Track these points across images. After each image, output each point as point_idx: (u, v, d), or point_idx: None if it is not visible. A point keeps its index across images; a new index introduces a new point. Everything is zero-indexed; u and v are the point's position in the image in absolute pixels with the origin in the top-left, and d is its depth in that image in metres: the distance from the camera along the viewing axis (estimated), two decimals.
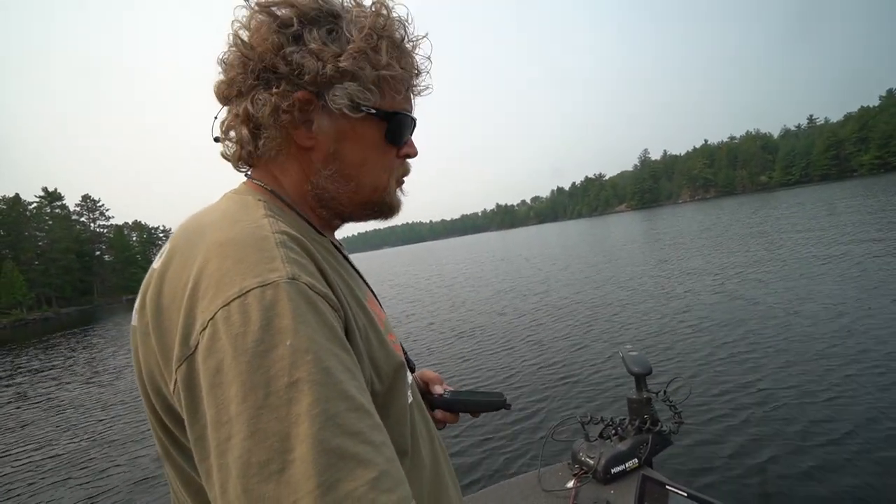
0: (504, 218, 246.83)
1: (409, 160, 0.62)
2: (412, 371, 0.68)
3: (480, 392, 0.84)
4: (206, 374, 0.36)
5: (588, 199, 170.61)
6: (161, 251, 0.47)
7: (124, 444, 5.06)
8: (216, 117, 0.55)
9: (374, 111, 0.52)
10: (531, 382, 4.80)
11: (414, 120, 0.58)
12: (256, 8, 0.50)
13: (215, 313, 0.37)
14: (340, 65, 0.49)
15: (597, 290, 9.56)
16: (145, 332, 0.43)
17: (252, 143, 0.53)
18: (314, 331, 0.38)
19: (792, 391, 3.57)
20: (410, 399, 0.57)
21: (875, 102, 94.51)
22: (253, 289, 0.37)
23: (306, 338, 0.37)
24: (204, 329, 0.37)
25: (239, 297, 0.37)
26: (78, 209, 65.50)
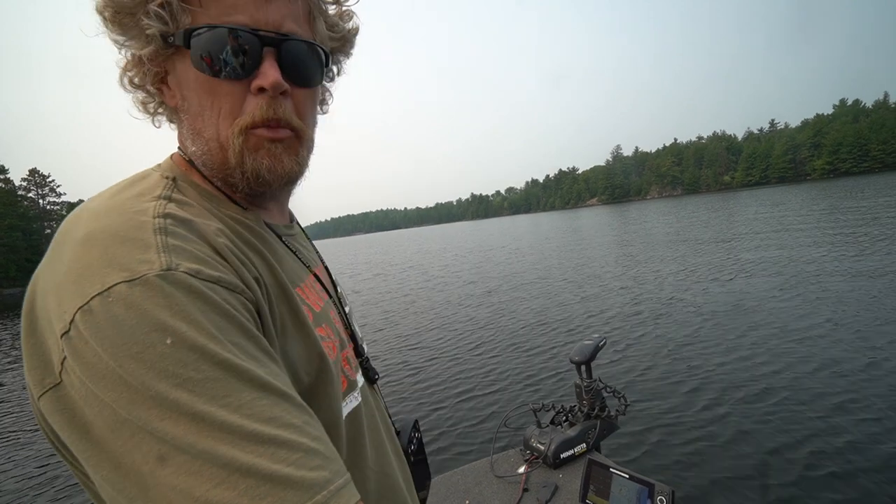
0: (478, 208, 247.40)
1: (287, 96, 0.46)
2: (372, 382, 0.61)
3: None
4: (74, 391, 0.31)
5: (561, 191, 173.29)
6: None
7: None
8: None
9: (170, 38, 0.42)
10: (485, 370, 4.86)
11: (242, 32, 0.41)
12: None
13: (73, 315, 0.31)
14: None
15: (558, 282, 9.75)
16: (23, 344, 0.36)
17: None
18: (200, 323, 0.33)
19: (733, 380, 3.79)
20: (355, 403, 0.52)
21: (829, 111, 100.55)
22: (117, 284, 0.32)
23: (192, 333, 0.32)
24: (65, 334, 0.31)
25: (99, 294, 0.31)
26: (24, 184, 60.85)
